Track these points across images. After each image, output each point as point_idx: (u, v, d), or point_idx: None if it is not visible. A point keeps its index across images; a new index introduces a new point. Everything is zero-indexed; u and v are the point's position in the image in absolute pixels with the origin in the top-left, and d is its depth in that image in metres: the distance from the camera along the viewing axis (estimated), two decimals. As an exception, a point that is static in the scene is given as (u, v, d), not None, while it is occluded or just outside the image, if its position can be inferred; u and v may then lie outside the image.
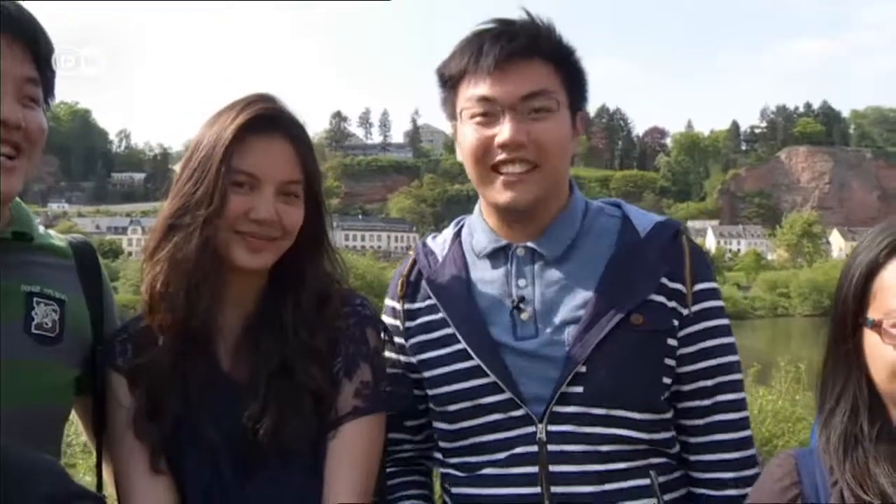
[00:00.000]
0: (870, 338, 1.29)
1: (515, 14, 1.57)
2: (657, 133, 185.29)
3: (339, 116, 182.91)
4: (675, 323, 1.55)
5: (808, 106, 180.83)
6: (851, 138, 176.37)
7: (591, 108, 1.67)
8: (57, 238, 1.63)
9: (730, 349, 1.60)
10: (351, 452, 1.49)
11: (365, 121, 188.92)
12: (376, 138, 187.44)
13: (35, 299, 1.46)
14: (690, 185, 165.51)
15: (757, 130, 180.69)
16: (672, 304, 1.55)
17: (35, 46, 1.39)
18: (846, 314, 1.33)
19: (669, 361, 1.55)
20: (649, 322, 1.52)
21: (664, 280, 1.55)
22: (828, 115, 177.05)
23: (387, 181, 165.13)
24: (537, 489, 1.49)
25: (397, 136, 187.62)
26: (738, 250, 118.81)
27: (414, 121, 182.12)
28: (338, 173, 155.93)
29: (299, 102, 1.56)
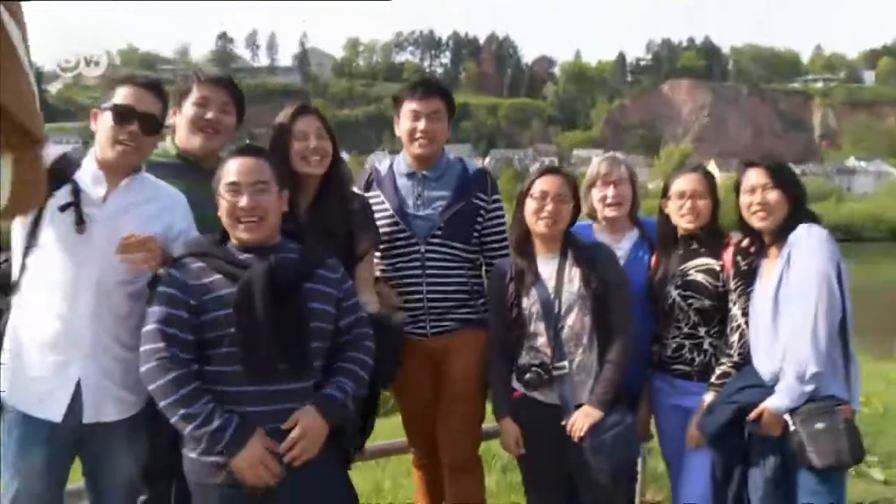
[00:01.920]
0: (527, 202, 3.09)
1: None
2: (546, 62, 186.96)
3: (224, 38, 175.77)
4: (483, 213, 3.39)
5: (691, 40, 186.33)
6: (730, 74, 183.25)
7: (481, 34, 2.13)
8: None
9: (504, 223, 3.47)
10: (364, 271, 3.09)
11: (252, 42, 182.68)
12: (263, 61, 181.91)
13: None
14: (577, 115, 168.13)
15: (643, 62, 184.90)
16: (482, 203, 3.38)
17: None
18: (522, 195, 3.10)
19: (477, 227, 3.40)
20: (470, 210, 3.35)
21: (479, 193, 3.38)
22: (709, 51, 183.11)
23: (274, 105, 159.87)
24: (421, 279, 3.29)
25: (285, 60, 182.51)
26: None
27: (302, 44, 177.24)
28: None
29: (184, 20, 1.59)
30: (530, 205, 3.06)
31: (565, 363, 2.98)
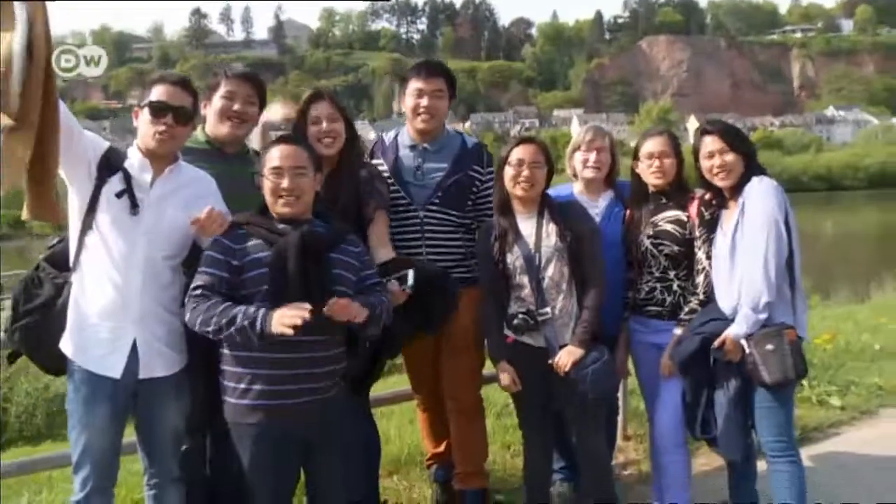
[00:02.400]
0: (506, 169, 3.42)
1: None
2: (523, 23, 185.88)
3: (198, 13, 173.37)
4: (478, 184, 3.76)
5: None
6: (708, 28, 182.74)
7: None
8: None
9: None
10: (378, 226, 3.43)
11: (226, 17, 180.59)
12: (238, 35, 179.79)
13: None
14: (555, 75, 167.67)
15: (620, 20, 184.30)
16: (477, 175, 3.75)
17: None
18: (501, 163, 3.43)
19: (472, 196, 3.75)
20: (466, 181, 3.72)
21: (474, 166, 3.75)
22: (686, 6, 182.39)
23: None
24: (420, 242, 3.64)
25: (261, 33, 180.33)
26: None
27: (277, 16, 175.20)
28: (199, 73, 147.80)
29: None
30: (508, 172, 3.39)
31: (548, 309, 3.36)
